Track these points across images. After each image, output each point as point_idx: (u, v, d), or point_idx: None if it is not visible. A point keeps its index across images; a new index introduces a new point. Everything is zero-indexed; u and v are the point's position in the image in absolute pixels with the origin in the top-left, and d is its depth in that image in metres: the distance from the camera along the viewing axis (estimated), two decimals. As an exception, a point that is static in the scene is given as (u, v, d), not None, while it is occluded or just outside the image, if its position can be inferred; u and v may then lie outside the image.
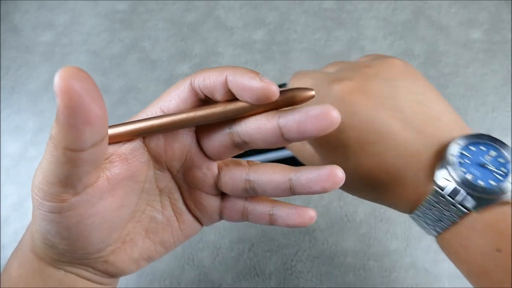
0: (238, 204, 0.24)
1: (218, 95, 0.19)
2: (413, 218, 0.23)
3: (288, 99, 0.19)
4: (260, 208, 0.24)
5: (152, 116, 0.20)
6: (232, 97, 0.20)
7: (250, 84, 0.18)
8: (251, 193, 0.23)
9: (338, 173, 0.19)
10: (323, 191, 0.20)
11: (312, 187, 0.20)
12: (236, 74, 0.19)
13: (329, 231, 0.37)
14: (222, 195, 0.25)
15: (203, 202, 0.24)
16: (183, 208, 0.25)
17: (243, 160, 0.24)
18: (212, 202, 0.24)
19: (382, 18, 0.48)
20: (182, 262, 0.36)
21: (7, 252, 0.37)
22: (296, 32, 0.48)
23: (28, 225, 0.24)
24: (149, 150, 0.22)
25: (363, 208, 0.38)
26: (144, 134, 0.20)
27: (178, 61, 0.47)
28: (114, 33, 0.49)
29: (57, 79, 0.14)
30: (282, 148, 0.39)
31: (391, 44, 0.46)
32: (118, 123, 0.20)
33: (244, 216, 0.25)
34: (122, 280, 0.34)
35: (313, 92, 0.19)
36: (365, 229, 0.37)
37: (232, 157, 0.23)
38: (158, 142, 0.21)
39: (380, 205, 0.38)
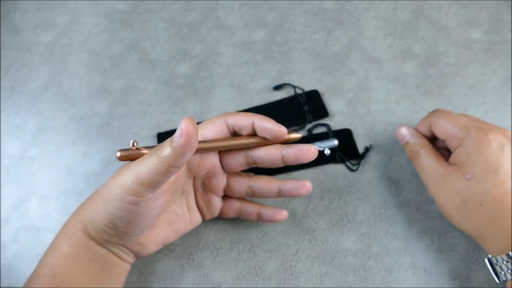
0: (234, 205, 0.34)
1: (244, 131, 0.29)
2: (492, 260, 0.30)
3: (287, 139, 0.29)
4: (251, 208, 0.34)
5: None
6: (252, 133, 0.29)
7: (270, 127, 0.28)
8: (250, 196, 0.33)
9: (307, 184, 0.31)
10: (300, 195, 0.31)
11: (294, 192, 0.31)
12: (261, 120, 0.28)
13: (329, 231, 0.37)
14: (223, 197, 0.34)
15: (211, 202, 0.33)
16: (194, 205, 0.34)
17: (243, 173, 0.33)
18: (217, 202, 0.34)
19: (382, 18, 0.48)
20: (182, 262, 0.36)
21: (7, 252, 0.37)
22: (296, 32, 0.48)
23: (74, 213, 0.30)
24: (187, 163, 0.29)
25: (363, 208, 0.38)
26: None
27: (178, 61, 0.47)
28: (114, 33, 0.49)
29: (183, 125, 0.23)
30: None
31: (391, 44, 0.46)
32: None
33: (237, 214, 0.34)
34: (122, 280, 0.34)
35: (299, 135, 0.30)
36: (365, 229, 0.37)
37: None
38: (195, 159, 0.30)
39: (380, 205, 0.38)
